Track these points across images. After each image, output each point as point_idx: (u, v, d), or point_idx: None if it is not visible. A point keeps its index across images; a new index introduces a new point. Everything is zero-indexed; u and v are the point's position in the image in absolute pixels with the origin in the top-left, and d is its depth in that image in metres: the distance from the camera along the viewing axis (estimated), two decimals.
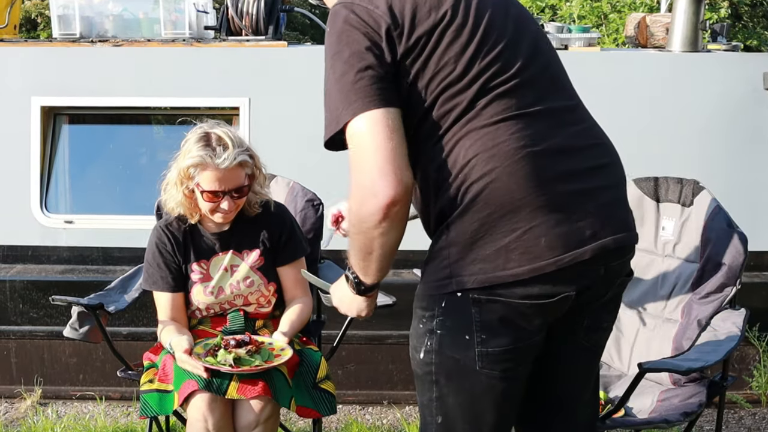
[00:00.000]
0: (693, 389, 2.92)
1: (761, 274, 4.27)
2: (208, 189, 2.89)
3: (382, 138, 1.92)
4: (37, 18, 11.76)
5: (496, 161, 1.94)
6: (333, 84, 2.00)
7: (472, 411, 2.09)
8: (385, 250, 2.05)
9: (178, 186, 2.93)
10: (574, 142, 2.04)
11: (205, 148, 2.86)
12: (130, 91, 4.38)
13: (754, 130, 4.30)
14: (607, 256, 2.01)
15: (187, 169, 2.88)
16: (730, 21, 9.15)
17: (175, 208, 2.99)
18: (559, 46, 4.35)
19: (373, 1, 1.99)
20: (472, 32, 1.99)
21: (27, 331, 4.31)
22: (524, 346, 2.04)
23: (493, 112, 1.97)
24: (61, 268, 4.35)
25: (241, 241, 3.06)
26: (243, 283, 3.03)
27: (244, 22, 4.47)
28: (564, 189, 1.97)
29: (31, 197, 4.36)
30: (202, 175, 2.87)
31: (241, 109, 4.31)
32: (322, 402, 2.92)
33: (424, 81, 1.98)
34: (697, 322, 3.00)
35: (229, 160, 2.86)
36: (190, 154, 2.87)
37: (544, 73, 2.08)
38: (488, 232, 1.95)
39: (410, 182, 1.94)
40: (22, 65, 4.42)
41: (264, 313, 3.10)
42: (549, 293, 1.98)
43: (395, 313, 4.13)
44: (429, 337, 2.07)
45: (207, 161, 2.85)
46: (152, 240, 3.06)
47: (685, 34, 4.39)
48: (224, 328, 3.04)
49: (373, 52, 1.95)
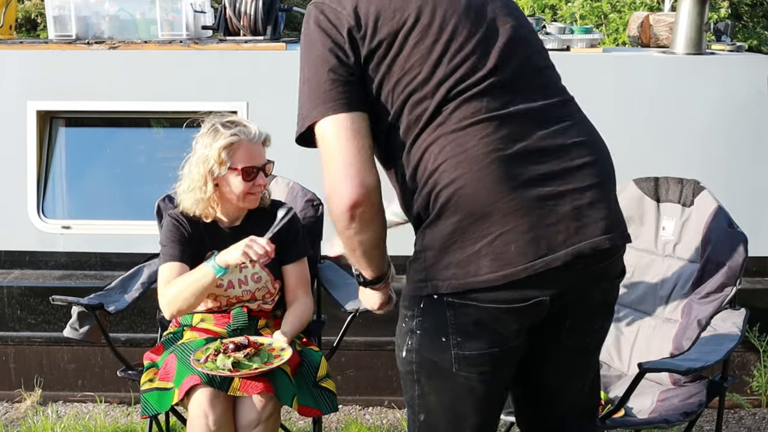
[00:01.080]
0: (693, 389, 2.92)
1: (763, 279, 4.23)
2: (246, 165, 2.94)
3: (345, 141, 1.93)
4: (37, 18, 11.79)
5: (464, 167, 1.93)
6: (302, 84, 2.01)
7: (453, 410, 2.09)
8: (366, 248, 2.07)
9: (205, 180, 2.94)
10: (551, 141, 2.00)
11: (232, 127, 2.95)
12: (126, 95, 4.36)
13: (757, 133, 4.27)
14: (584, 261, 1.98)
15: (219, 153, 2.91)
16: (730, 21, 9.14)
17: (192, 207, 3.01)
18: (561, 47, 4.32)
19: (342, 2, 1.99)
20: (438, 34, 1.97)
21: (25, 336, 4.30)
22: (501, 350, 2.03)
23: (462, 116, 1.95)
24: (58, 274, 4.34)
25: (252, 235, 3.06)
26: (252, 279, 3.06)
27: (242, 23, 4.45)
28: (536, 193, 1.94)
29: (28, 202, 4.34)
30: (236, 154, 2.93)
31: (239, 114, 4.29)
32: (323, 400, 2.93)
33: (390, 85, 1.97)
34: (697, 322, 2.99)
35: (258, 134, 2.99)
36: (219, 138, 2.92)
37: (522, 70, 2.04)
38: (460, 238, 1.94)
39: (373, 184, 1.96)
40: (17, 69, 4.39)
41: (267, 311, 3.12)
42: (521, 298, 1.96)
43: (395, 319, 4.13)
44: (410, 337, 2.08)
45: (240, 137, 2.93)
46: (166, 226, 3.07)
47: (688, 35, 4.36)
48: (227, 325, 3.05)
49: (337, 54, 1.96)
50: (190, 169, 3.00)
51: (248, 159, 2.96)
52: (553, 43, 4.32)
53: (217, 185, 2.97)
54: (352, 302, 3.17)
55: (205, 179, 2.95)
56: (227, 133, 2.92)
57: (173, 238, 3.03)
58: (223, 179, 2.97)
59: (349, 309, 3.12)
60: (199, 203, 2.99)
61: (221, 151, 2.91)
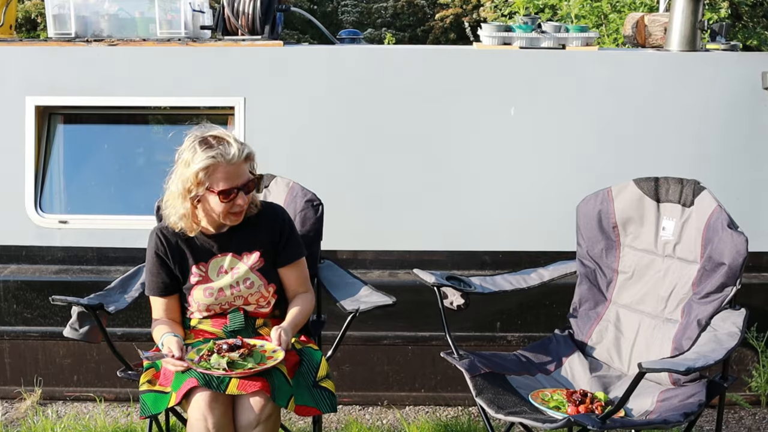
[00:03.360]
0: (693, 389, 2.91)
1: (760, 275, 4.24)
2: (223, 188, 2.88)
3: None
4: (37, 18, 11.79)
5: None
6: None
7: None
8: None
9: (183, 198, 2.91)
10: None
11: (210, 149, 2.86)
12: (124, 91, 4.35)
13: (752, 130, 4.28)
14: None
15: (196, 175, 2.86)
16: (730, 21, 9.13)
17: (177, 222, 2.98)
18: (556, 45, 4.32)
19: None
20: None
21: (21, 331, 4.29)
22: None
23: None
24: (55, 269, 4.33)
25: (240, 244, 3.06)
26: (243, 285, 3.04)
27: (240, 22, 4.44)
28: None
29: (25, 197, 4.34)
30: (213, 176, 2.87)
31: (237, 109, 4.29)
32: (323, 400, 2.91)
33: None
34: (697, 322, 2.99)
35: (238, 154, 2.88)
36: (197, 159, 2.86)
37: None
38: None
39: None
40: (16, 65, 4.39)
41: (264, 313, 3.11)
42: None
43: (391, 314, 4.13)
44: None
45: (218, 160, 2.85)
46: (149, 245, 3.08)
47: (683, 33, 4.37)
48: (224, 326, 3.05)
49: None
50: (171, 184, 2.97)
51: (227, 180, 2.89)
52: (549, 42, 4.32)
53: (199, 201, 2.94)
54: (352, 302, 3.16)
55: (184, 197, 2.92)
56: (204, 156, 2.85)
57: (153, 270, 3.05)
58: (202, 198, 2.93)
59: (349, 309, 3.11)
60: (182, 219, 2.97)
61: (199, 173, 2.86)
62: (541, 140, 4.28)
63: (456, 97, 4.30)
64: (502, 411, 2.79)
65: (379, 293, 3.20)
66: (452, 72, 4.31)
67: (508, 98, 4.29)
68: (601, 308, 3.37)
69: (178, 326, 3.05)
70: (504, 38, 4.36)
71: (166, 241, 3.03)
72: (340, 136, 4.33)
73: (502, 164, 4.30)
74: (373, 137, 4.33)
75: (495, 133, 4.30)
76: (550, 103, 4.27)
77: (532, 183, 4.30)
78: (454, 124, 4.30)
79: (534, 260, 3.99)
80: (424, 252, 4.22)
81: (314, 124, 4.33)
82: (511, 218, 4.30)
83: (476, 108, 4.30)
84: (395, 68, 4.36)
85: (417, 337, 4.27)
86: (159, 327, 3.01)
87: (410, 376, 4.34)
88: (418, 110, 4.31)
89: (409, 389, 4.34)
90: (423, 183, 4.31)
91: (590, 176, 4.01)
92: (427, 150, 4.32)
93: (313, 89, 4.33)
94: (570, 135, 4.26)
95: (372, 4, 16.18)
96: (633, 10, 8.72)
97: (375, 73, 4.37)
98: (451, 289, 3.23)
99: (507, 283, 3.42)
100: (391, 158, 4.32)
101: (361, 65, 4.38)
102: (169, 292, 3.06)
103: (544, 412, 2.86)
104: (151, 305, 3.10)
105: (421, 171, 4.32)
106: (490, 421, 3.01)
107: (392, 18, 16.20)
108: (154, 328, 3.03)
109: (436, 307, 3.21)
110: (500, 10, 10.86)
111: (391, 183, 4.33)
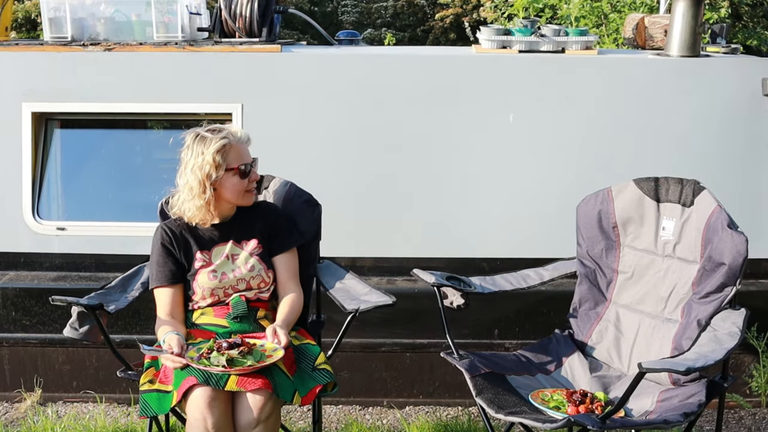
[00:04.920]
0: (693, 389, 2.91)
1: (758, 282, 4.21)
2: (242, 162, 3.11)
3: None
4: (36, 18, 11.81)
5: None
6: None
7: None
8: None
9: (202, 187, 3.06)
10: None
11: (219, 133, 3.09)
12: (121, 97, 4.34)
13: (753, 136, 4.25)
14: None
15: (213, 159, 3.03)
16: (730, 21, 9.11)
17: (195, 215, 3.12)
18: (555, 49, 4.29)
19: None
20: None
21: (20, 338, 4.28)
22: None
23: None
24: (53, 275, 4.32)
25: (240, 233, 3.20)
26: (245, 267, 3.16)
27: (237, 24, 4.43)
28: None
29: (23, 204, 4.32)
30: (229, 156, 3.08)
31: (234, 116, 4.27)
32: (323, 376, 2.97)
33: None
34: (697, 322, 2.99)
35: (243, 134, 3.17)
36: (210, 144, 3.05)
37: None
38: None
39: None
40: (12, 70, 4.38)
41: (264, 300, 3.19)
42: None
43: (389, 321, 4.14)
44: None
45: (230, 140, 3.09)
46: (154, 239, 3.20)
47: (683, 38, 4.33)
48: (228, 314, 3.11)
49: None
50: (186, 179, 3.09)
51: (241, 158, 3.12)
52: (548, 45, 4.29)
53: (215, 189, 3.08)
54: (352, 302, 3.16)
55: (203, 186, 3.06)
56: (217, 137, 3.06)
57: (159, 261, 3.16)
58: (221, 182, 3.08)
59: (349, 308, 3.11)
60: (200, 210, 3.09)
61: (215, 155, 3.04)
62: (539, 145, 4.26)
63: (454, 101, 4.28)
64: (502, 411, 2.79)
65: (378, 292, 3.21)
66: (450, 76, 4.29)
67: (507, 102, 4.27)
68: (601, 308, 3.36)
69: (180, 325, 3.11)
70: (503, 42, 4.34)
71: (171, 233, 3.17)
72: (338, 143, 4.32)
73: (501, 170, 4.28)
74: (372, 143, 4.32)
75: (494, 138, 4.28)
76: (549, 108, 4.25)
77: (531, 189, 4.28)
78: (452, 129, 4.28)
79: (532, 267, 3.97)
80: (423, 259, 4.20)
81: (312, 130, 4.32)
82: (510, 225, 4.28)
83: (475, 112, 4.28)
84: (393, 73, 4.35)
85: (415, 344, 4.26)
86: (162, 327, 3.06)
87: (408, 383, 4.33)
88: (416, 115, 4.29)
89: (408, 395, 4.33)
90: (421, 189, 4.30)
91: (589, 183, 3.97)
92: (426, 156, 4.30)
93: (310, 95, 4.32)
94: (569, 140, 4.23)
95: (372, 4, 16.16)
96: (633, 10, 8.70)
97: (373, 78, 4.35)
98: (451, 289, 3.23)
99: (507, 282, 3.42)
100: (389, 164, 4.30)
101: (358, 70, 4.37)
102: (177, 280, 3.14)
103: (544, 412, 2.86)
104: (156, 300, 3.15)
105: (420, 177, 4.30)
106: (490, 421, 3.00)
107: (392, 18, 16.18)
108: (158, 328, 3.08)
109: (434, 313, 3.20)
110: (500, 10, 10.84)
111: (389, 189, 4.31)
